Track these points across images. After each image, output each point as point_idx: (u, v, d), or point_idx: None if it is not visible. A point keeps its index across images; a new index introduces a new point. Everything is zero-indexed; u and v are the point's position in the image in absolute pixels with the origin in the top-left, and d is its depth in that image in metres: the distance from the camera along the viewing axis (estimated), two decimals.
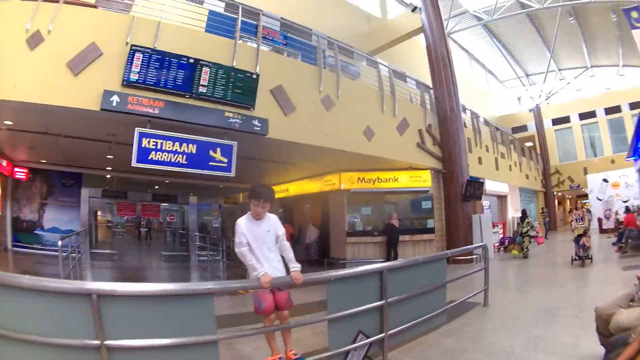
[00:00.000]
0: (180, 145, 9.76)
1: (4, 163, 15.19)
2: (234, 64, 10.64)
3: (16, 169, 16.19)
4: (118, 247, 22.70)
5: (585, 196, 35.64)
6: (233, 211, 26.60)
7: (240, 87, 10.54)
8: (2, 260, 14.91)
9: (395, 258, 16.11)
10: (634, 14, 19.29)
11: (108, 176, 19.00)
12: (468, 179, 17.10)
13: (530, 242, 18.21)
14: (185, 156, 9.80)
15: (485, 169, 21.69)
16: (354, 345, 5.14)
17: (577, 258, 13.45)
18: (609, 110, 33.65)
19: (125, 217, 26.68)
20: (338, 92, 13.15)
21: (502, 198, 26.45)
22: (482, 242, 17.22)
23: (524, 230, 18.12)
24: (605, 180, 28.85)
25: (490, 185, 22.58)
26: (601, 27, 29.75)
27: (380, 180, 17.37)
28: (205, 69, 10.11)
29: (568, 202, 45.18)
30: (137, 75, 9.38)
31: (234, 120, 10.44)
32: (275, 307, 4.86)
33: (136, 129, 9.34)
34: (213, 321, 4.22)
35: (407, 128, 15.97)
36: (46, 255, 15.65)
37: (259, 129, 10.79)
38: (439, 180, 17.67)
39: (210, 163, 10.14)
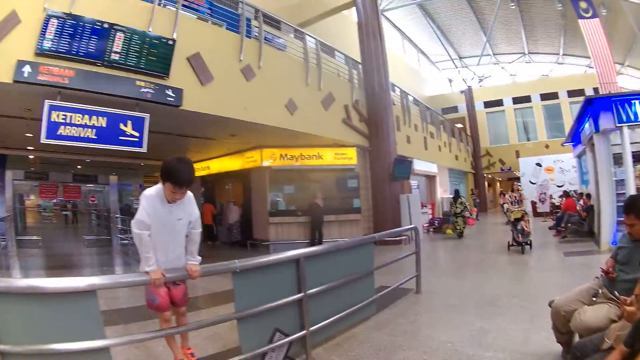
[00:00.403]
0: (90, 118, 8.79)
1: None
2: (150, 30, 9.48)
3: None
4: (44, 233, 20.77)
5: (517, 179, 36.16)
6: None
7: (154, 54, 9.45)
8: None
9: (320, 240, 15.40)
10: (583, 4, 19.71)
11: (31, 157, 17.30)
12: (396, 158, 16.36)
13: (464, 223, 18.07)
14: (94, 130, 8.81)
15: (414, 148, 21.09)
16: (271, 345, 4.48)
17: (514, 244, 12.69)
18: (545, 96, 33.81)
19: (53, 201, 24.63)
20: (260, 63, 12.10)
21: (431, 178, 26.02)
22: (410, 223, 16.80)
23: (458, 210, 17.98)
24: (538, 165, 29.24)
25: (419, 165, 22.03)
26: (544, 15, 29.79)
27: (303, 157, 16.38)
28: (119, 35, 9.04)
29: (498, 184, 45.80)
30: (51, 42, 8.33)
31: (145, 90, 9.32)
32: (170, 302, 4.12)
33: (45, 101, 8.30)
34: (99, 324, 3.45)
35: (333, 103, 15.01)
36: None
37: (172, 99, 9.65)
38: (366, 158, 16.88)
39: (120, 137, 9.14)
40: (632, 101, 11.46)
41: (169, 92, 9.62)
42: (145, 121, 9.39)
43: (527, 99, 34.49)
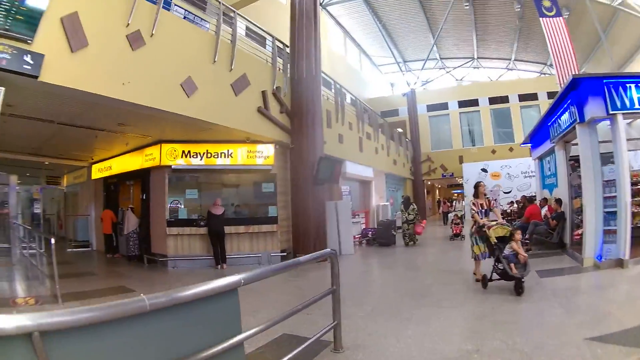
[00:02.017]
0: None
1: None
2: None
3: None
4: None
5: (459, 186, 33.98)
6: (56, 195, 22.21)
7: (23, 12, 6.91)
8: None
9: (222, 256, 12.31)
10: (546, 3, 18.62)
11: None
12: (321, 156, 13.09)
13: (412, 231, 16.50)
14: None
15: (347, 149, 17.88)
16: None
17: (497, 278, 7.93)
18: (494, 100, 31.59)
19: None
20: (153, 30, 9.01)
21: (365, 183, 22.76)
22: (338, 234, 14.04)
23: (410, 217, 16.48)
24: (484, 170, 27.79)
25: (353, 168, 18.81)
26: (498, 17, 28.31)
27: (210, 155, 12.96)
28: None
29: (437, 191, 43.34)
30: None
31: (1, 56, 6.65)
32: None
33: None
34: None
35: (247, 87, 11.69)
36: None
37: (29, 68, 6.90)
38: (286, 157, 13.61)
39: None
40: (628, 85, 8.72)
41: (27, 59, 6.93)
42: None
43: (474, 102, 32.11)
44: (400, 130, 29.49)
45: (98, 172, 17.12)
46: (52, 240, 8.50)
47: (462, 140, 32.45)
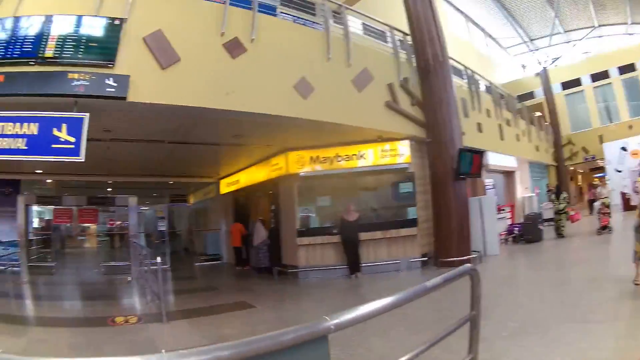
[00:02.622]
0: (22, 126, 6.78)
1: None
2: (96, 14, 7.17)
3: None
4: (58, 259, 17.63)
5: (600, 169, 29.97)
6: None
7: (96, 39, 7.15)
8: None
9: (357, 264, 11.23)
10: None
11: (49, 180, 15.80)
12: (461, 148, 11.48)
13: (566, 220, 15.26)
14: (25, 139, 6.75)
15: (487, 138, 15.93)
16: None
17: None
18: (623, 69, 27.22)
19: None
20: (252, 33, 8.44)
21: (509, 175, 20.43)
22: (483, 234, 12.45)
23: (561, 206, 15.04)
24: (623, 149, 23.59)
25: (494, 159, 16.84)
26: None
27: (340, 159, 11.98)
28: (57, 25, 7.11)
29: (580, 177, 38.82)
30: None
31: (78, 83, 6.81)
32: None
33: None
34: None
35: (370, 82, 10.56)
36: None
37: (113, 90, 6.87)
38: (424, 154, 12.10)
39: (53, 146, 6.83)
40: None
41: (109, 82, 6.90)
42: (84, 122, 6.83)
43: (604, 74, 27.93)
44: (539, 113, 26.39)
45: (226, 186, 17.19)
46: (159, 259, 8.09)
47: (600, 118, 28.40)
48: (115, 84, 6.86)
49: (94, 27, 7.18)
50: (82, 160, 6.77)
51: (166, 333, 7.02)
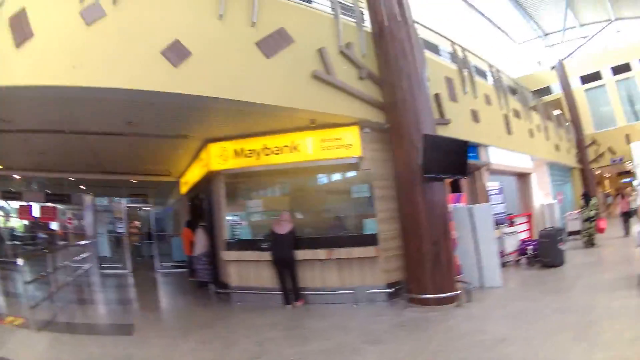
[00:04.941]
0: None
1: None
2: None
3: None
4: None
5: (627, 173, 25.18)
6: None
7: None
8: None
9: (294, 291, 7.94)
10: None
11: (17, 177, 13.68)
12: (426, 134, 7.47)
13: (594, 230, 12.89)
14: None
15: (487, 130, 11.90)
16: None
17: None
18: None
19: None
20: None
21: (523, 177, 16.09)
22: (478, 258, 8.47)
23: (592, 213, 12.91)
24: None
25: (499, 157, 12.74)
26: None
27: (269, 152, 8.42)
28: None
29: (607, 182, 33.45)
30: None
31: None
32: None
33: None
34: None
35: (288, 45, 7.07)
36: None
37: None
38: (385, 145, 8.25)
39: None
40: None
41: None
42: None
43: (627, 67, 23.62)
44: (558, 111, 21.94)
45: (184, 186, 13.89)
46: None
47: (625, 115, 23.87)
48: None
49: None
50: None
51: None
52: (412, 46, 7.91)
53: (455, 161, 7.95)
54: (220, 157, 8.74)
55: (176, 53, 5.99)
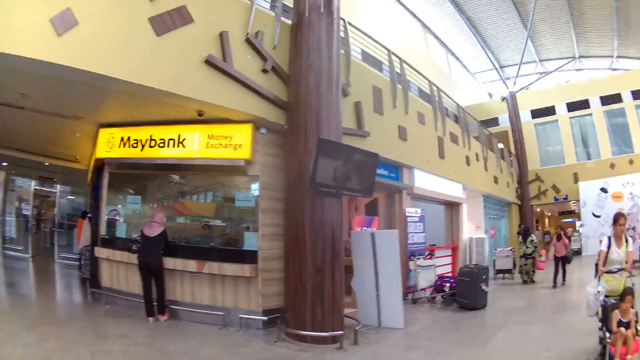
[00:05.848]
0: None
1: None
2: None
3: None
4: None
5: (571, 213, 25.08)
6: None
7: None
8: None
9: (158, 302, 6.87)
10: None
11: None
12: (321, 138, 6.38)
13: (533, 267, 12.98)
14: None
15: (415, 151, 11.05)
16: None
17: None
18: (606, 99, 22.40)
19: None
20: None
21: (452, 207, 15.20)
22: (376, 293, 7.34)
23: (529, 250, 12.84)
24: (603, 190, 19.37)
25: (427, 182, 11.90)
26: (595, 12, 21.83)
27: (153, 143, 7.28)
28: None
29: (547, 220, 33.21)
30: None
31: None
32: None
33: None
34: None
35: (185, 25, 5.99)
36: None
37: None
38: (281, 150, 7.28)
39: None
40: None
41: None
42: None
43: (584, 103, 23.07)
44: (501, 146, 20.87)
45: (90, 174, 12.39)
46: None
47: (576, 153, 23.37)
48: None
49: None
50: None
51: None
52: (331, 41, 6.99)
53: (360, 176, 6.99)
54: (107, 144, 7.60)
55: (63, 21, 4.96)
